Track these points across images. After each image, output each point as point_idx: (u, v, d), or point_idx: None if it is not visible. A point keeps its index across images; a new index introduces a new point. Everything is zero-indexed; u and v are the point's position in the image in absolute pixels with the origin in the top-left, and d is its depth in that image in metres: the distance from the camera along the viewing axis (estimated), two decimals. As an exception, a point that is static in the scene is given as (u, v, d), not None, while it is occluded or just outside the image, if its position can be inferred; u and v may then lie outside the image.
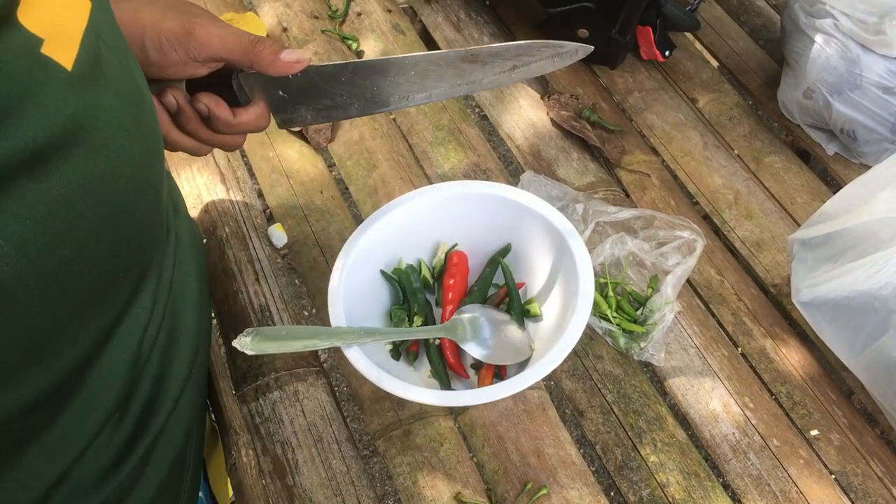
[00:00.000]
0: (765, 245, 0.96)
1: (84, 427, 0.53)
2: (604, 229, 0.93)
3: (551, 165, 1.03)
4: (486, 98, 1.13)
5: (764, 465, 0.78)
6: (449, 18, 1.23)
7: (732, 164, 1.04)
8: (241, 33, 0.64)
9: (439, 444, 0.79)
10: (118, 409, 0.56)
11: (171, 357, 0.62)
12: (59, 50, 0.42)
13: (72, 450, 0.53)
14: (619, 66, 1.16)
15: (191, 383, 0.65)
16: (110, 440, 0.56)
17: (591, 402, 0.83)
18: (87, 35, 0.45)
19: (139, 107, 0.51)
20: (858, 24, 0.93)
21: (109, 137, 0.46)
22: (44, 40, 0.40)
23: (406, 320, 0.81)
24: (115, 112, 0.47)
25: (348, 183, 1.03)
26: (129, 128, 0.49)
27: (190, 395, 0.65)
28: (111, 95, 0.47)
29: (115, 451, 0.57)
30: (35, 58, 0.40)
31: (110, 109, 0.47)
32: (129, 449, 0.58)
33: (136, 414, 0.58)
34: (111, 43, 0.49)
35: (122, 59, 0.51)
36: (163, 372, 0.61)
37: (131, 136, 0.49)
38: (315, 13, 1.23)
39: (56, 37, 0.41)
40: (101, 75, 0.46)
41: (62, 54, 0.42)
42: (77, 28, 0.44)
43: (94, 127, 0.45)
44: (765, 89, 1.12)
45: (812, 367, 0.85)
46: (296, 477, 0.77)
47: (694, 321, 0.88)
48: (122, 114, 0.48)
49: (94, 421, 0.54)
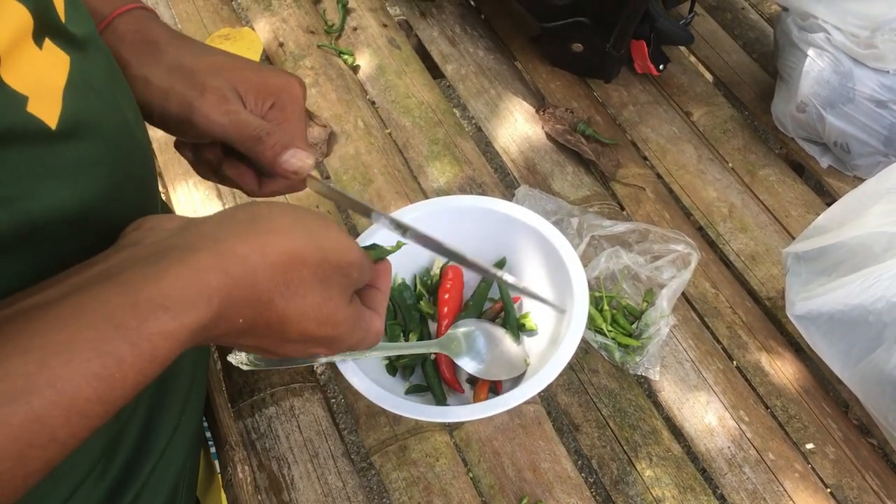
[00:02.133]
0: (759, 258, 0.96)
1: (67, 478, 0.52)
2: (599, 243, 0.94)
3: (546, 179, 1.04)
4: (481, 112, 1.14)
5: (759, 478, 0.78)
6: (444, 33, 1.24)
7: (727, 177, 1.04)
8: (244, 123, 0.57)
9: (435, 459, 0.79)
10: (102, 458, 0.55)
11: (159, 405, 0.60)
12: (43, 107, 0.41)
13: (55, 499, 0.51)
14: (614, 79, 1.16)
15: (180, 431, 0.63)
16: (95, 488, 0.54)
17: (587, 416, 0.83)
18: (69, 90, 0.43)
19: (132, 159, 0.50)
20: (850, 38, 0.94)
21: (94, 191, 0.45)
22: (28, 98, 0.39)
23: (401, 335, 0.81)
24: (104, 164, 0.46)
25: (344, 197, 1.03)
26: (119, 181, 0.48)
27: (180, 441, 0.63)
28: (99, 147, 0.46)
29: (101, 499, 0.55)
30: (23, 117, 0.39)
31: (96, 162, 0.45)
32: (115, 496, 0.56)
33: (122, 464, 0.56)
34: (105, 94, 0.48)
35: (115, 108, 0.49)
36: (150, 422, 0.59)
37: (121, 188, 0.48)
38: (311, 28, 1.23)
39: (40, 94, 0.40)
40: (87, 129, 0.45)
41: (46, 112, 0.41)
42: (57, 84, 0.42)
43: (77, 182, 0.44)
44: (759, 102, 1.13)
45: (807, 381, 0.85)
46: (292, 493, 0.77)
47: (689, 335, 0.88)
48: (112, 165, 0.47)
49: (77, 472, 0.52)
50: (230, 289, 0.42)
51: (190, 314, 0.40)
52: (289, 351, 0.49)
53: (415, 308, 0.82)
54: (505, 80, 1.17)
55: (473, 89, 1.16)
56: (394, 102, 1.14)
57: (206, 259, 0.41)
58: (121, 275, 0.40)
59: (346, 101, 1.13)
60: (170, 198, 1.04)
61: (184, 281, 0.40)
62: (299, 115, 0.61)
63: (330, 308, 0.48)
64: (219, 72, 0.58)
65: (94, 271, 0.41)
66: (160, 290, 0.39)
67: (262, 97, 0.60)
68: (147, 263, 0.40)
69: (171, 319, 0.39)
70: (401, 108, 1.13)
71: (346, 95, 1.14)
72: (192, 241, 0.43)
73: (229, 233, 0.44)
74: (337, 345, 0.51)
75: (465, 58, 1.20)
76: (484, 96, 1.15)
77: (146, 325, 0.38)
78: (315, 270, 0.46)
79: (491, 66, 1.18)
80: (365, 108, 1.13)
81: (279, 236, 0.45)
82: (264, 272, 0.43)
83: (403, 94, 1.14)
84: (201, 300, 0.40)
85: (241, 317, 0.43)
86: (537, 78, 1.18)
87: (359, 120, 1.11)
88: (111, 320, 0.37)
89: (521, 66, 1.21)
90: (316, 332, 0.48)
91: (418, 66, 1.19)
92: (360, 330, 0.52)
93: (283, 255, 0.44)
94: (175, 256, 0.41)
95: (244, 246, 0.43)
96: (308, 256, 0.46)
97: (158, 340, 0.38)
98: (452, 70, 1.19)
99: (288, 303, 0.45)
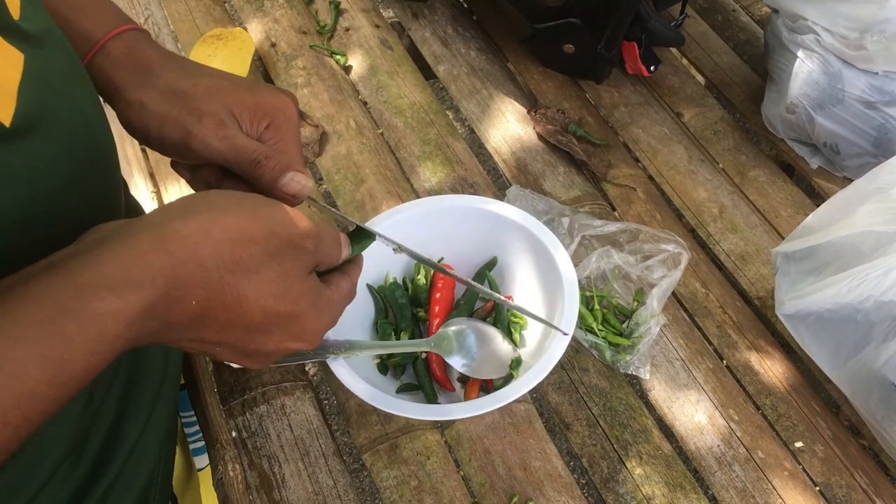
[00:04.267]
0: (749, 258, 0.96)
1: (37, 470, 0.51)
2: (590, 243, 0.94)
3: (538, 179, 1.04)
4: (473, 112, 1.14)
5: (749, 476, 0.79)
6: (437, 33, 1.24)
7: (717, 177, 1.05)
8: (241, 148, 0.57)
9: (426, 457, 0.79)
10: (73, 451, 0.54)
11: (130, 397, 0.60)
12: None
13: (24, 493, 0.51)
14: (605, 80, 1.17)
15: (152, 425, 0.63)
16: (64, 482, 0.54)
17: (578, 414, 0.83)
18: (24, 88, 0.43)
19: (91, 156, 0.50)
20: (840, 40, 0.94)
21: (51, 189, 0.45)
22: None
23: (393, 334, 0.82)
24: (61, 161, 0.46)
25: (336, 197, 1.04)
26: (77, 178, 0.47)
27: (152, 435, 0.63)
28: (55, 145, 0.45)
29: (70, 494, 0.55)
30: None
31: (53, 160, 0.45)
32: (86, 490, 0.56)
33: (93, 456, 0.56)
34: (63, 91, 0.47)
35: (74, 104, 0.49)
36: (120, 415, 0.59)
37: (80, 185, 0.48)
38: (303, 28, 1.23)
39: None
40: (43, 126, 0.44)
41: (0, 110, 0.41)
42: (11, 81, 0.42)
43: (33, 181, 0.43)
44: (749, 104, 1.14)
45: (796, 380, 0.86)
46: (283, 491, 0.77)
47: (679, 334, 0.89)
48: (69, 162, 0.47)
49: (47, 465, 0.52)
50: (175, 268, 0.42)
51: (134, 293, 0.40)
52: (259, 345, 0.49)
53: (405, 307, 0.83)
54: (497, 81, 1.17)
55: (465, 90, 1.16)
56: (386, 103, 1.14)
57: (146, 241, 0.42)
58: (63, 263, 0.40)
59: (338, 102, 1.13)
60: (161, 198, 1.04)
61: (125, 263, 0.40)
62: (294, 134, 0.61)
63: (286, 282, 0.48)
64: (214, 95, 0.58)
65: (38, 265, 0.41)
66: (101, 273, 0.39)
67: (258, 118, 0.59)
68: (88, 251, 0.41)
69: (115, 298, 0.39)
70: (393, 109, 1.13)
71: (338, 96, 1.14)
72: (133, 227, 0.43)
73: (170, 216, 0.44)
74: (301, 326, 0.50)
75: (458, 58, 1.20)
76: (476, 97, 1.15)
77: (91, 305, 0.38)
78: (264, 246, 0.46)
79: (483, 67, 1.19)
80: (357, 108, 1.13)
81: (221, 214, 0.45)
82: (209, 250, 0.44)
83: (395, 94, 1.15)
84: (145, 280, 0.40)
85: (193, 298, 0.43)
86: (529, 79, 1.18)
87: (351, 120, 1.11)
88: (56, 302, 0.38)
89: (513, 67, 1.21)
90: (275, 307, 0.47)
91: (410, 67, 1.19)
92: (321, 308, 0.52)
93: (227, 231, 0.45)
94: (116, 242, 0.41)
95: (185, 226, 0.43)
96: (254, 232, 0.46)
97: (106, 320, 0.39)
98: (444, 71, 1.19)
99: (240, 280, 0.45)
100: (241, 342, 0.48)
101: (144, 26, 1.24)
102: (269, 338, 0.49)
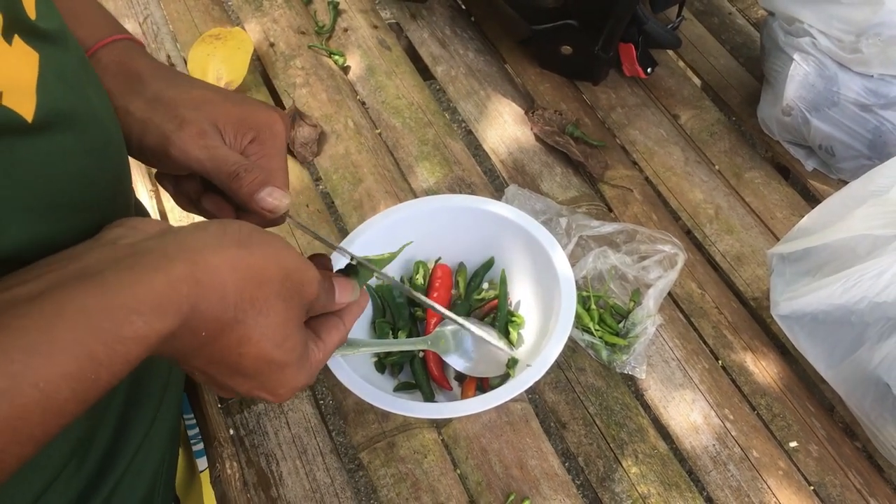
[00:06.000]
0: (745, 259, 0.97)
1: (42, 473, 0.52)
2: (587, 243, 0.95)
3: (535, 180, 1.04)
4: (471, 113, 1.14)
5: (744, 476, 0.79)
6: (434, 34, 1.24)
7: (713, 179, 1.05)
8: (221, 159, 0.56)
9: (423, 455, 0.80)
10: (78, 452, 0.54)
11: (134, 400, 0.60)
12: (19, 102, 0.41)
13: (29, 493, 0.51)
14: (602, 82, 1.17)
15: (157, 426, 0.63)
16: (70, 483, 0.54)
17: (574, 413, 0.83)
18: (42, 85, 0.43)
19: (104, 153, 0.50)
20: (835, 43, 0.95)
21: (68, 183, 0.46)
22: (2, 92, 0.40)
23: (390, 333, 0.82)
24: (77, 157, 0.47)
25: (334, 197, 1.04)
26: (92, 173, 0.48)
27: (157, 437, 0.63)
28: (72, 140, 0.46)
29: (76, 494, 0.55)
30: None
31: (70, 155, 0.46)
32: (91, 491, 0.56)
33: (98, 458, 0.56)
34: (77, 88, 0.48)
35: (87, 102, 0.49)
36: (125, 417, 0.59)
37: (94, 181, 0.48)
38: (302, 28, 1.24)
39: (13, 89, 0.41)
40: (62, 122, 0.45)
41: (21, 106, 0.41)
42: (29, 80, 0.43)
43: (52, 175, 0.44)
44: (745, 106, 1.14)
45: (791, 380, 0.86)
46: (280, 489, 0.77)
47: (675, 334, 0.89)
48: (85, 158, 0.47)
49: (52, 466, 0.52)
50: (199, 298, 0.42)
51: (160, 321, 0.40)
52: (235, 384, 0.49)
53: (403, 307, 0.83)
54: (494, 82, 1.18)
55: (463, 91, 1.17)
56: (384, 103, 1.14)
57: (180, 268, 0.42)
58: (98, 275, 0.40)
59: (336, 102, 1.13)
60: (160, 199, 1.04)
61: (159, 290, 0.41)
62: (280, 150, 0.61)
63: (287, 329, 0.48)
64: (199, 105, 0.58)
65: (72, 268, 0.42)
66: (135, 296, 0.40)
67: (242, 131, 0.59)
68: (124, 266, 0.41)
69: (144, 324, 0.40)
70: (391, 109, 1.13)
71: (337, 96, 1.14)
72: (170, 249, 0.43)
73: (204, 243, 0.44)
74: (280, 378, 0.50)
75: (455, 59, 1.20)
76: (473, 98, 1.16)
77: (122, 329, 0.39)
78: (278, 288, 0.47)
79: (481, 68, 1.19)
80: (355, 108, 1.14)
81: (249, 252, 0.46)
82: (233, 285, 0.44)
83: (393, 94, 1.15)
84: (172, 308, 0.41)
85: (205, 329, 0.44)
86: (526, 80, 1.19)
87: (349, 120, 1.11)
88: (89, 323, 0.38)
89: (511, 69, 1.22)
90: (270, 353, 0.48)
91: (408, 68, 1.19)
92: (303, 367, 0.51)
93: (251, 269, 0.45)
94: (152, 263, 0.42)
95: (216, 257, 0.44)
96: (272, 274, 0.47)
97: (132, 344, 0.39)
98: (442, 71, 1.20)
99: (250, 319, 0.46)
100: (219, 376, 0.49)
101: (143, 25, 1.25)
102: (247, 381, 0.49)
